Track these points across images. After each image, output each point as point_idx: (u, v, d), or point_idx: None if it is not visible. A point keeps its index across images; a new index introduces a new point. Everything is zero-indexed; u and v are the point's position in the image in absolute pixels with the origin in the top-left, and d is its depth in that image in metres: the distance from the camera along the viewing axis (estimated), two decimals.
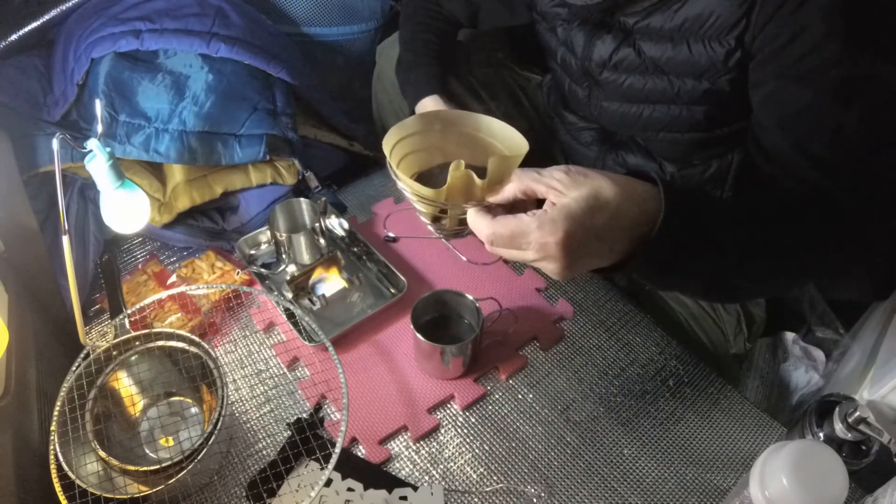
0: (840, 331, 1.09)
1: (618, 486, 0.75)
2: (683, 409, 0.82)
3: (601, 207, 0.48)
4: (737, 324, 0.93)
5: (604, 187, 0.49)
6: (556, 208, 0.49)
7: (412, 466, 0.76)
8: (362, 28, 1.28)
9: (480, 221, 0.52)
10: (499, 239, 0.51)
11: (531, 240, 0.49)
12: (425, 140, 0.62)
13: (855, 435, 0.64)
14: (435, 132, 0.62)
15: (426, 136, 0.62)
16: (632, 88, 0.78)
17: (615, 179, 0.50)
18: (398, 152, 0.60)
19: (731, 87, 0.70)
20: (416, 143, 0.62)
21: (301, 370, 0.85)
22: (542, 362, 0.86)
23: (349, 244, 1.00)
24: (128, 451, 0.72)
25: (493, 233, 0.51)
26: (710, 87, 0.71)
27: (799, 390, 1.02)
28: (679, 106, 0.76)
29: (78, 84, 0.95)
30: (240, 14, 1.03)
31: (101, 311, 0.91)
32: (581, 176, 0.49)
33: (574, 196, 0.48)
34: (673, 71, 0.73)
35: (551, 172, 0.50)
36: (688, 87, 0.73)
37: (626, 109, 0.82)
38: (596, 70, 0.80)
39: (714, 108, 0.74)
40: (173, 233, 0.99)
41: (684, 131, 0.79)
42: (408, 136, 0.61)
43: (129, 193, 0.75)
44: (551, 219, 0.48)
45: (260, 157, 0.97)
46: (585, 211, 0.48)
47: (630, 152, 0.90)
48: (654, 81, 0.75)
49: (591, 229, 0.48)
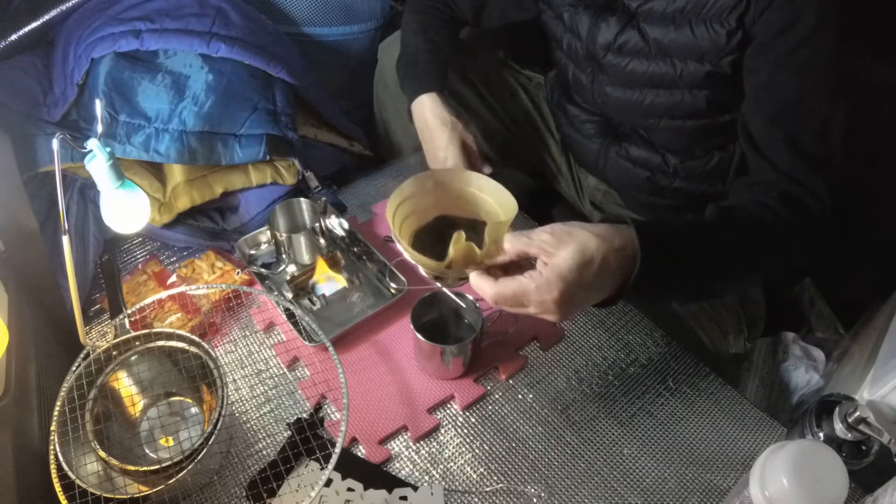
0: (840, 331, 1.09)
1: (618, 486, 0.75)
2: (683, 409, 0.82)
3: (588, 263, 0.55)
4: (737, 324, 0.93)
5: (587, 243, 0.55)
6: (549, 269, 0.55)
7: (412, 466, 0.76)
8: (362, 28, 1.28)
9: (484, 284, 0.58)
10: (502, 299, 0.58)
11: (531, 299, 0.56)
12: (421, 201, 0.68)
13: (855, 435, 0.64)
14: (429, 192, 0.68)
15: (421, 197, 0.68)
16: (635, 72, 0.79)
17: (595, 232, 0.56)
18: (398, 217, 0.66)
19: (732, 69, 0.71)
20: (413, 204, 0.67)
21: (301, 370, 0.85)
22: (542, 362, 0.86)
23: (349, 244, 1.00)
24: (128, 451, 0.72)
25: (497, 293, 0.57)
26: (712, 70, 0.73)
27: (799, 390, 1.02)
28: (682, 91, 0.77)
29: (78, 84, 0.95)
30: (240, 14, 1.03)
31: (101, 311, 0.91)
32: (565, 235, 0.56)
33: (563, 256, 0.55)
34: (676, 53, 0.74)
35: (539, 235, 0.57)
36: (690, 70, 0.74)
37: (630, 95, 0.83)
38: (600, 53, 0.81)
39: (716, 93, 0.76)
40: (173, 233, 0.99)
41: (686, 118, 0.81)
42: (405, 199, 0.67)
43: (129, 193, 0.75)
44: (546, 280, 0.55)
45: (260, 157, 0.97)
46: (573, 269, 0.55)
47: (633, 144, 0.91)
48: (658, 65, 0.77)
49: (581, 283, 0.56)
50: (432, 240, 0.67)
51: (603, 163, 0.96)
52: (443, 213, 0.69)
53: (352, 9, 1.24)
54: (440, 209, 0.69)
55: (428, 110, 0.92)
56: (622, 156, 0.93)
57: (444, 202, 0.69)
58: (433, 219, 0.69)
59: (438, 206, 0.69)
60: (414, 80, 0.95)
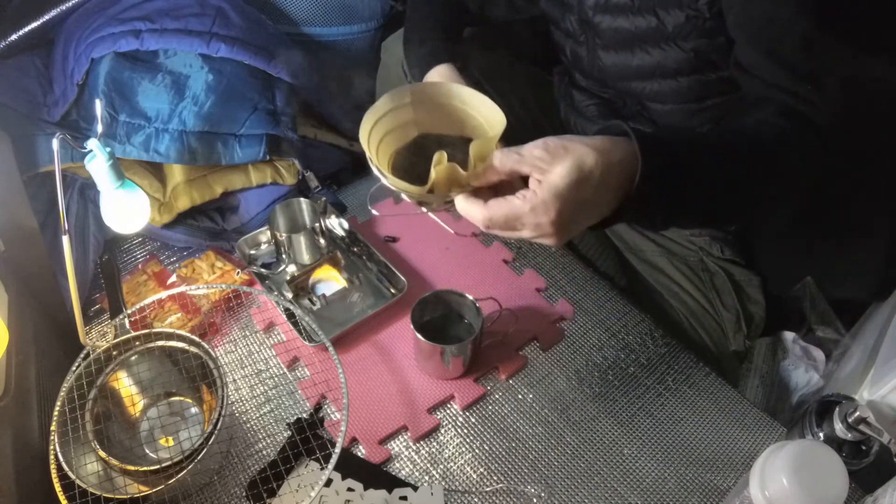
0: (840, 331, 1.09)
1: (618, 486, 0.75)
2: (683, 409, 0.82)
3: (586, 179, 0.50)
4: (736, 321, 0.94)
5: (585, 157, 0.50)
6: (543, 188, 0.50)
7: (412, 466, 0.76)
8: (362, 28, 1.28)
9: (472, 208, 0.53)
10: (494, 223, 0.52)
11: (525, 221, 0.51)
12: (398, 117, 0.61)
13: (855, 435, 0.64)
14: (406, 106, 0.61)
15: (398, 112, 0.61)
16: (624, 30, 0.82)
17: (593, 145, 0.51)
18: (374, 139, 0.59)
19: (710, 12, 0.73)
20: (390, 122, 0.60)
21: (301, 370, 0.85)
22: (542, 362, 0.86)
23: (349, 244, 1.00)
24: (128, 451, 0.72)
25: (487, 217, 0.52)
26: (691, 14, 0.75)
27: (799, 390, 1.02)
28: (669, 44, 0.80)
29: (78, 84, 0.95)
30: (240, 14, 1.03)
31: (101, 311, 0.91)
32: (561, 149, 0.51)
33: (558, 172, 0.50)
34: (658, 2, 0.77)
35: (531, 150, 0.52)
36: (673, 20, 0.76)
37: (622, 59, 0.86)
38: (590, 14, 0.84)
39: (701, 43, 0.77)
40: (173, 233, 0.99)
41: (676, 74, 0.83)
42: (381, 117, 0.59)
43: (129, 193, 0.75)
44: (542, 200, 0.50)
45: (260, 157, 0.97)
46: (571, 186, 0.50)
47: (637, 124, 0.92)
48: (643, 18, 0.79)
49: (579, 201, 0.51)
50: (413, 160, 0.60)
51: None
52: (424, 131, 0.62)
53: (352, 9, 1.24)
54: (421, 126, 0.62)
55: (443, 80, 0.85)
56: None
57: (424, 118, 0.61)
58: (414, 138, 0.62)
59: (419, 124, 0.62)
60: (424, 57, 0.88)
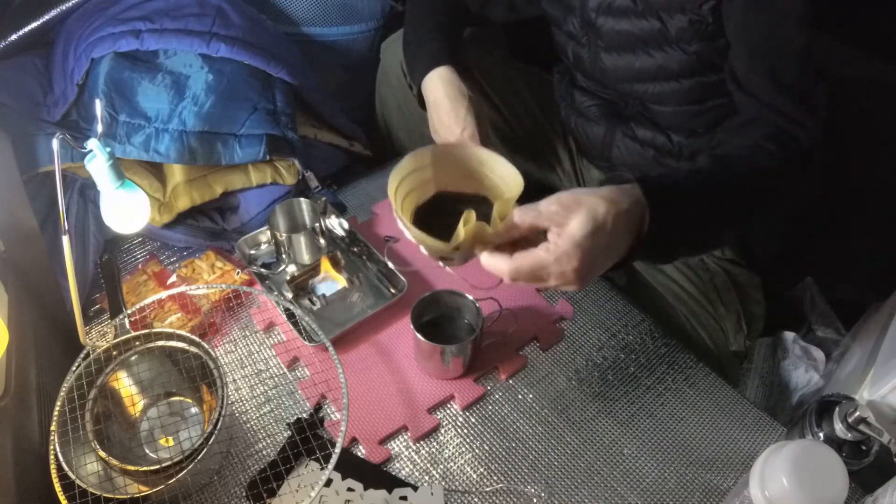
0: (840, 331, 1.09)
1: (618, 485, 0.75)
2: (683, 409, 0.82)
3: (601, 228, 0.55)
4: (736, 321, 0.94)
5: (597, 207, 0.55)
6: (564, 239, 0.55)
7: (412, 466, 0.76)
8: (362, 28, 1.28)
9: (499, 261, 0.57)
10: (520, 274, 0.57)
11: (551, 271, 0.56)
12: (420, 176, 0.65)
13: (855, 435, 0.64)
14: (427, 167, 0.65)
15: (419, 172, 0.65)
16: (626, 33, 0.83)
17: (603, 196, 0.56)
18: (399, 196, 0.62)
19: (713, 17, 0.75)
20: (412, 181, 0.64)
21: (301, 370, 0.85)
22: (542, 362, 0.86)
23: (349, 244, 1.00)
24: (128, 451, 0.72)
25: (514, 269, 0.57)
26: (694, 18, 0.76)
27: (799, 390, 1.02)
28: (671, 47, 0.81)
29: (78, 84, 0.95)
30: (240, 14, 1.03)
31: (101, 311, 0.91)
32: (574, 203, 0.55)
33: (575, 224, 0.55)
34: (660, 6, 0.78)
35: (547, 206, 0.56)
36: (676, 24, 0.78)
37: (624, 61, 0.86)
38: (593, 16, 0.85)
39: (704, 46, 0.79)
40: (173, 233, 0.99)
41: (678, 76, 0.83)
42: (405, 176, 0.63)
43: (129, 193, 0.75)
44: (564, 251, 0.55)
45: (260, 157, 0.97)
46: (588, 235, 0.54)
47: (639, 125, 0.94)
48: (647, 21, 0.80)
49: (596, 249, 0.55)
50: (431, 218, 0.64)
51: (609, 144, 0.99)
52: (442, 189, 0.66)
53: (352, 9, 1.24)
54: (439, 185, 0.66)
55: (443, 83, 0.87)
56: (629, 136, 0.95)
57: (442, 177, 0.66)
58: (432, 195, 0.66)
59: (437, 182, 0.66)
60: (424, 59, 0.89)
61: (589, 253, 0.55)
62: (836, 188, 1.07)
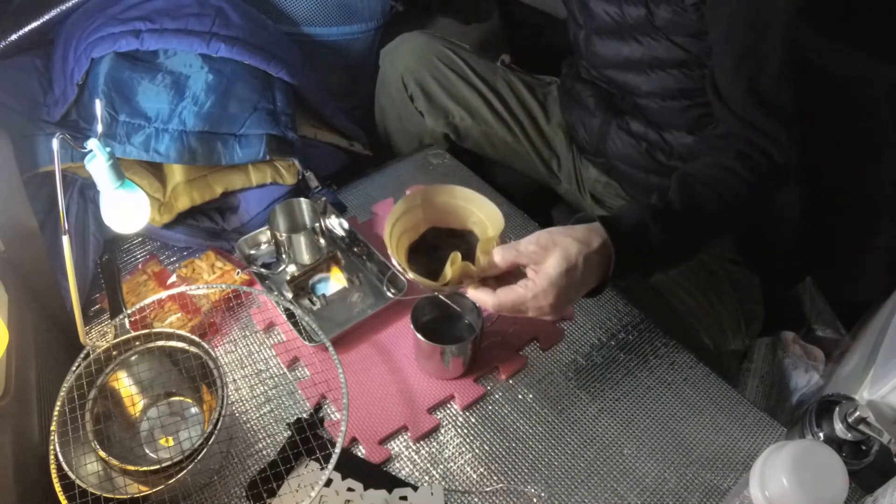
0: (840, 331, 1.09)
1: (618, 485, 0.75)
2: (683, 408, 0.82)
3: (573, 267, 0.62)
4: (736, 321, 0.94)
5: (569, 248, 0.62)
6: (540, 278, 0.62)
7: (412, 466, 0.76)
8: (362, 28, 1.28)
9: (484, 296, 0.64)
10: (503, 307, 0.64)
11: (529, 306, 0.63)
12: (412, 217, 0.72)
13: (855, 435, 0.64)
14: (418, 208, 0.72)
15: (411, 213, 0.72)
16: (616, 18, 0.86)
17: (575, 237, 0.63)
18: (394, 237, 0.69)
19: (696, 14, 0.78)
20: (405, 222, 0.71)
21: (301, 370, 0.85)
22: (542, 362, 0.86)
23: (349, 244, 1.00)
24: (128, 451, 0.72)
25: (497, 303, 0.63)
26: (678, 10, 0.79)
27: (799, 390, 1.02)
28: (659, 37, 0.83)
29: (78, 84, 0.95)
30: (240, 14, 1.03)
31: (101, 311, 0.91)
32: (550, 244, 0.62)
33: (550, 263, 0.62)
34: None
35: (526, 246, 0.63)
36: (661, 13, 0.81)
37: (614, 47, 0.90)
38: None
39: (689, 40, 0.81)
40: (173, 233, 0.99)
41: (666, 67, 0.86)
42: (398, 219, 0.70)
43: (129, 193, 0.75)
44: (542, 288, 0.62)
45: (260, 157, 0.97)
46: (562, 274, 0.62)
47: (633, 119, 0.97)
48: (637, 8, 0.83)
49: (570, 285, 0.63)
50: (425, 253, 0.71)
51: (605, 136, 1.01)
52: (433, 225, 0.73)
53: (352, 9, 1.24)
54: (430, 222, 0.73)
55: None
56: (623, 129, 0.98)
57: (432, 215, 0.73)
58: (424, 231, 0.73)
59: (428, 220, 0.73)
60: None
61: (563, 290, 0.62)
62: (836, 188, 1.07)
